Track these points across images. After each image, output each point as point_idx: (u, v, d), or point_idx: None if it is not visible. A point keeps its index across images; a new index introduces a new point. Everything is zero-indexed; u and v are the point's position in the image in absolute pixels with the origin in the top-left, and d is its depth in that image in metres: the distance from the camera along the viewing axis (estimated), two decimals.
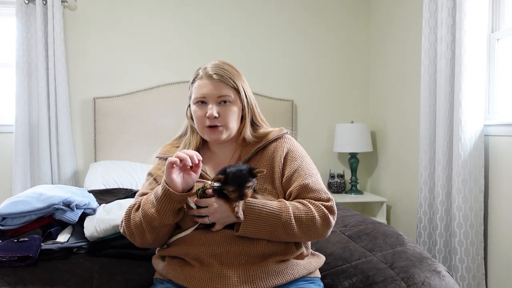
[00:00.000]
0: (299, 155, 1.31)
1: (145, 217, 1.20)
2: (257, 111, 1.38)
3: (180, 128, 1.44)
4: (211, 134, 1.30)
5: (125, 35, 3.32)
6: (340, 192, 3.39)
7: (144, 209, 1.21)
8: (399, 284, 1.33)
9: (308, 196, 1.23)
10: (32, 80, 3.14)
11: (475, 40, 2.19)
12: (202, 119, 1.29)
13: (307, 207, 1.19)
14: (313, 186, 1.24)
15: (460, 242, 2.24)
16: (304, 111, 3.55)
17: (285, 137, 1.36)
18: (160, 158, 1.37)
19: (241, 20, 3.45)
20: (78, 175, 3.28)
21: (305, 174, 1.26)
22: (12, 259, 1.38)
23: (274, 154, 1.31)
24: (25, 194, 1.66)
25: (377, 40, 3.50)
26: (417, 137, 2.79)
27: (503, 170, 2.18)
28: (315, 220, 1.18)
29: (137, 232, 1.23)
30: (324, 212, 1.20)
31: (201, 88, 1.29)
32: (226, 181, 1.14)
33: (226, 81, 1.28)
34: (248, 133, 1.34)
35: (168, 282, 1.24)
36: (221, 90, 1.28)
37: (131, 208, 1.27)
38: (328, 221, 1.21)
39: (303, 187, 1.23)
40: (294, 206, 1.19)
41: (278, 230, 1.17)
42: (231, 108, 1.30)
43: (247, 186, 1.14)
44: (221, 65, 1.32)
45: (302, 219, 1.17)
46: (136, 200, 1.30)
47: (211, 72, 1.28)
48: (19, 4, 3.06)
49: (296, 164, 1.28)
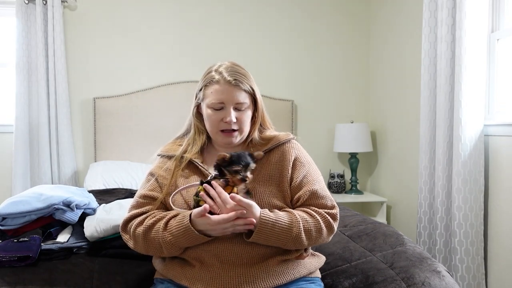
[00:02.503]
0: (306, 162, 1.33)
1: (153, 242, 1.20)
2: (265, 114, 1.38)
3: (182, 127, 1.43)
4: (226, 138, 1.30)
5: (125, 35, 3.32)
6: (340, 192, 3.38)
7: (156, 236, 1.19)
8: (399, 284, 1.33)
9: (316, 203, 1.25)
10: (32, 80, 3.14)
11: (475, 40, 2.19)
12: (218, 123, 1.29)
13: (315, 219, 1.21)
14: (321, 193, 1.27)
15: (460, 242, 2.24)
16: (304, 111, 3.55)
17: (292, 142, 1.36)
18: (162, 156, 1.37)
19: (241, 20, 3.45)
20: (78, 175, 3.28)
21: (313, 180, 1.29)
22: (12, 259, 1.38)
23: (282, 158, 1.31)
24: (25, 194, 1.66)
25: (377, 40, 3.50)
26: (417, 137, 2.79)
27: (503, 170, 2.18)
28: (322, 231, 1.22)
29: (140, 246, 1.24)
30: (330, 221, 1.23)
31: (219, 93, 1.27)
32: (231, 161, 1.15)
33: (244, 86, 1.28)
34: (256, 135, 1.34)
35: (169, 282, 1.24)
36: (239, 96, 1.27)
37: (132, 217, 1.26)
38: (333, 229, 1.25)
39: (312, 193, 1.26)
40: (304, 219, 1.20)
41: (288, 243, 1.19)
42: (247, 113, 1.30)
43: (250, 167, 1.17)
44: (235, 68, 1.31)
45: (311, 232, 1.20)
46: (136, 201, 1.29)
47: (229, 78, 1.27)
48: (19, 4, 3.06)
49: (305, 170, 1.30)
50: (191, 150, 1.32)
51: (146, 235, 1.20)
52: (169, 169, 1.31)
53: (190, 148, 1.33)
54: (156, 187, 1.30)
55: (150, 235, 1.20)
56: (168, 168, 1.31)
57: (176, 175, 1.29)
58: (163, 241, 1.17)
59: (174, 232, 1.16)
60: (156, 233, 1.19)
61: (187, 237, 1.15)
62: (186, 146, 1.34)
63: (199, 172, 1.30)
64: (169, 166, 1.31)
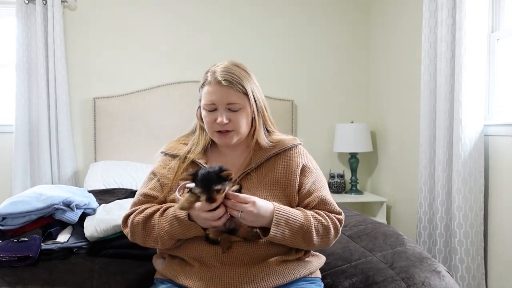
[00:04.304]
0: (314, 168, 1.34)
1: (149, 229, 1.21)
2: (267, 114, 1.35)
3: (182, 126, 1.43)
4: (222, 138, 1.29)
5: (125, 35, 3.32)
6: (340, 192, 3.38)
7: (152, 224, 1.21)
8: (399, 284, 1.33)
9: (324, 209, 1.27)
10: (32, 80, 3.14)
11: (475, 40, 2.19)
12: (212, 124, 1.28)
13: (325, 219, 1.23)
14: (329, 199, 1.29)
15: (460, 242, 2.24)
16: (304, 111, 3.55)
17: (298, 147, 1.35)
18: (165, 154, 1.37)
19: (241, 20, 3.45)
20: (78, 175, 3.28)
21: (320, 187, 1.30)
22: (12, 259, 1.38)
23: (289, 163, 1.30)
24: (25, 194, 1.66)
25: (377, 40, 3.50)
26: (417, 137, 2.79)
27: (503, 170, 2.18)
28: (330, 231, 1.23)
29: (138, 235, 1.24)
30: (337, 225, 1.26)
31: (210, 94, 1.26)
32: (195, 183, 1.11)
33: (235, 87, 1.25)
34: (264, 137, 1.32)
35: (169, 282, 1.24)
36: (230, 97, 1.25)
37: (132, 213, 1.26)
38: (338, 232, 1.27)
39: (321, 200, 1.27)
40: (314, 217, 1.22)
41: (298, 238, 1.19)
42: (240, 113, 1.27)
43: (215, 189, 1.08)
44: (230, 68, 1.28)
45: (320, 230, 1.21)
46: (138, 199, 1.29)
47: (220, 78, 1.25)
48: (19, 4, 3.06)
49: (313, 177, 1.31)
50: (194, 150, 1.32)
51: (145, 223, 1.21)
52: (173, 169, 1.31)
53: (194, 148, 1.33)
54: (157, 186, 1.30)
55: (150, 222, 1.21)
56: (172, 168, 1.31)
57: (179, 175, 1.29)
58: (159, 228, 1.18)
59: (170, 218, 1.18)
60: (154, 221, 1.20)
61: (180, 225, 1.16)
62: (191, 146, 1.34)
63: None
64: (173, 166, 1.31)
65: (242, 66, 1.31)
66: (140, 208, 1.26)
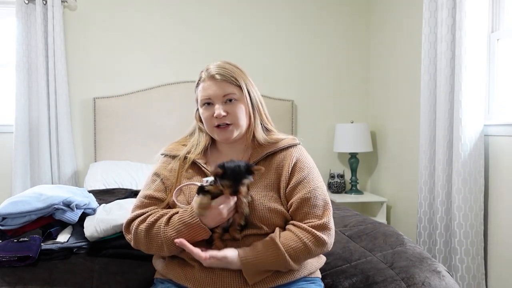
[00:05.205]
0: (307, 166, 1.29)
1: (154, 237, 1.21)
2: (263, 110, 1.36)
3: (182, 126, 1.43)
4: (222, 133, 1.30)
5: (125, 35, 3.32)
6: (340, 192, 3.38)
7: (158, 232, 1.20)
8: (399, 284, 1.33)
9: (305, 211, 1.21)
10: (32, 80, 3.14)
11: (475, 40, 2.19)
12: (210, 120, 1.29)
13: (302, 242, 1.17)
14: (313, 201, 1.23)
15: (460, 242, 2.24)
16: (304, 111, 3.55)
17: (296, 147, 1.34)
18: (165, 155, 1.37)
19: (241, 20, 3.45)
20: (78, 175, 3.28)
21: (309, 186, 1.24)
22: (12, 259, 1.38)
23: (283, 162, 1.30)
24: (25, 194, 1.66)
25: (377, 40, 3.50)
26: (417, 137, 2.79)
27: (503, 170, 2.18)
28: (310, 250, 1.19)
29: (142, 243, 1.24)
30: (317, 236, 1.18)
31: (206, 89, 1.29)
32: (223, 175, 1.14)
33: (229, 80, 1.28)
34: (262, 134, 1.33)
35: (169, 282, 1.24)
36: (225, 89, 1.28)
37: (135, 218, 1.25)
38: (322, 241, 1.19)
39: (303, 201, 1.22)
40: (289, 247, 1.17)
41: (280, 268, 1.19)
42: (237, 105, 1.29)
43: (243, 183, 1.15)
44: (222, 64, 1.32)
45: (299, 256, 1.18)
46: (141, 201, 1.28)
47: (214, 73, 1.29)
48: (19, 4, 3.06)
49: (303, 174, 1.26)
50: (194, 151, 1.33)
51: (148, 231, 1.20)
52: (174, 169, 1.31)
53: (194, 149, 1.33)
54: (162, 188, 1.29)
55: (153, 231, 1.20)
56: (173, 168, 1.31)
57: (181, 176, 1.29)
58: (164, 236, 1.18)
59: (176, 225, 1.17)
60: (158, 229, 1.19)
61: (188, 230, 1.16)
62: (190, 146, 1.34)
63: (202, 173, 1.30)
64: (173, 166, 1.32)
65: (234, 64, 1.35)
66: (143, 215, 1.24)
